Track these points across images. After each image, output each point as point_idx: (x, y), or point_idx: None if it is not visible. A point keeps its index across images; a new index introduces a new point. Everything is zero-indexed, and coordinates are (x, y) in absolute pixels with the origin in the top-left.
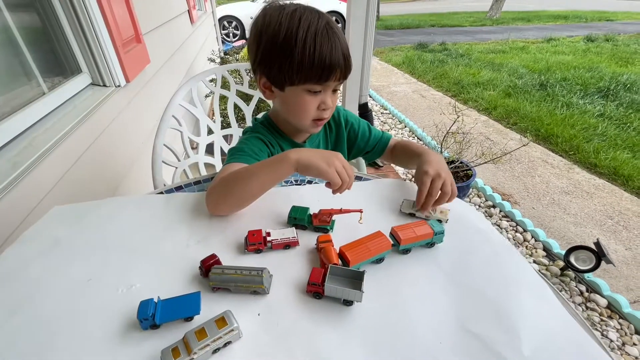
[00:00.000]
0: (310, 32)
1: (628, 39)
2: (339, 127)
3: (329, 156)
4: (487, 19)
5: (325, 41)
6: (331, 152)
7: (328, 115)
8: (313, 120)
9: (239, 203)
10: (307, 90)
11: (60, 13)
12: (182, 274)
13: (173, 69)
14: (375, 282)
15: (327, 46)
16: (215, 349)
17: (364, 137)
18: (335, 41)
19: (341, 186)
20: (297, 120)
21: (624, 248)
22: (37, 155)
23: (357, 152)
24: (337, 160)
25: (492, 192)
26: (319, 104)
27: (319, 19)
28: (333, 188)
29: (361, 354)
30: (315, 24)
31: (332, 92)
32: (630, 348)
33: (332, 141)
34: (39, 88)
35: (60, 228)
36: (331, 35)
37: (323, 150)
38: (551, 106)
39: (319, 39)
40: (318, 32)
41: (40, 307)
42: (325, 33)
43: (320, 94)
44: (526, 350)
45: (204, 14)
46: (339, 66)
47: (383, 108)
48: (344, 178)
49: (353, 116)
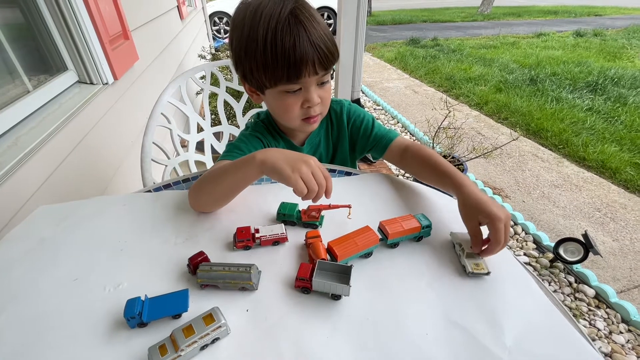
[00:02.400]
0: (271, 28)
1: (616, 33)
2: (341, 123)
3: (296, 160)
4: (478, 14)
5: (287, 34)
6: (302, 155)
7: (319, 111)
8: (302, 120)
9: (213, 202)
10: (285, 91)
11: (44, 9)
12: (170, 272)
13: (163, 66)
14: (363, 276)
15: (289, 40)
16: (203, 345)
17: (365, 134)
18: (299, 32)
19: (308, 194)
20: (285, 122)
21: (611, 239)
22: (21, 155)
23: (360, 150)
24: (305, 165)
25: (483, 186)
26: (302, 102)
27: (281, 9)
28: (298, 196)
29: (349, 347)
30: (277, 16)
31: (318, 85)
32: (617, 336)
33: (334, 139)
34: (23, 86)
35: (46, 227)
36: (294, 26)
37: (293, 153)
38: (541, 101)
39: (279, 34)
40: (279, 26)
41: (26, 307)
42: (287, 25)
43: (301, 92)
44: (508, 341)
45: (194, 10)
46: (308, 59)
47: (376, 104)
48: (311, 186)
49: (357, 111)
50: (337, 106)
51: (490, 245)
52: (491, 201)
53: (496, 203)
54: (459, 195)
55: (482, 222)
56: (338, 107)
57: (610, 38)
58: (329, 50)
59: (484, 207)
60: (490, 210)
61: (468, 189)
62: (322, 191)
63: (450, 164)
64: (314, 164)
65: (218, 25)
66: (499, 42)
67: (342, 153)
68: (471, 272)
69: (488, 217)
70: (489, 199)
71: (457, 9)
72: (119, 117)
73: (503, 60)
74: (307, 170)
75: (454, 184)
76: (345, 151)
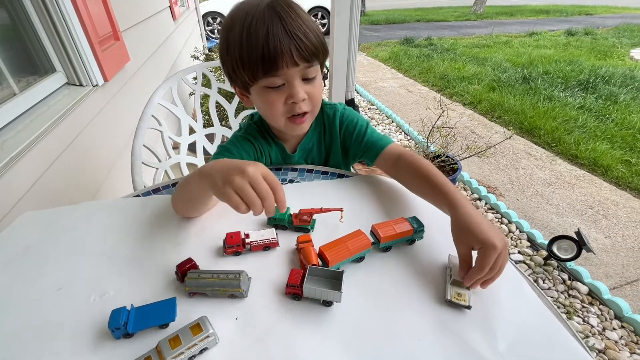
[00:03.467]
0: (247, 23)
1: (606, 32)
2: (333, 128)
3: (230, 169)
4: (471, 14)
5: (261, 26)
6: (241, 163)
7: (305, 108)
8: (287, 118)
9: (187, 210)
10: (266, 87)
11: (31, 9)
12: (158, 280)
13: (155, 67)
14: (355, 282)
15: (262, 31)
16: (191, 356)
17: (358, 139)
18: (274, 21)
19: (246, 208)
20: (271, 121)
21: (604, 236)
22: (8, 159)
23: (353, 155)
24: (239, 175)
25: (477, 185)
26: (285, 98)
27: (259, 4)
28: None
29: (340, 354)
30: (253, 11)
31: (304, 81)
32: (610, 333)
33: (327, 144)
34: (9, 89)
35: (30, 234)
36: (269, 17)
37: (234, 162)
38: (534, 99)
39: (253, 27)
40: (254, 19)
41: (7, 319)
42: (261, 17)
43: (284, 87)
44: (501, 346)
45: (187, 10)
46: (283, 48)
47: (370, 104)
48: (248, 199)
49: (351, 115)
50: (330, 110)
51: (472, 270)
52: (488, 225)
53: (494, 228)
54: (453, 215)
55: (475, 247)
56: (331, 111)
57: (601, 37)
58: (308, 40)
59: (478, 231)
60: (485, 237)
61: (463, 209)
62: (266, 204)
63: (445, 177)
64: (253, 172)
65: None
66: (492, 41)
67: (335, 158)
68: (449, 300)
69: (482, 244)
70: (486, 223)
71: (450, 9)
72: (110, 120)
73: (496, 59)
74: (241, 181)
75: (448, 202)
76: (338, 156)
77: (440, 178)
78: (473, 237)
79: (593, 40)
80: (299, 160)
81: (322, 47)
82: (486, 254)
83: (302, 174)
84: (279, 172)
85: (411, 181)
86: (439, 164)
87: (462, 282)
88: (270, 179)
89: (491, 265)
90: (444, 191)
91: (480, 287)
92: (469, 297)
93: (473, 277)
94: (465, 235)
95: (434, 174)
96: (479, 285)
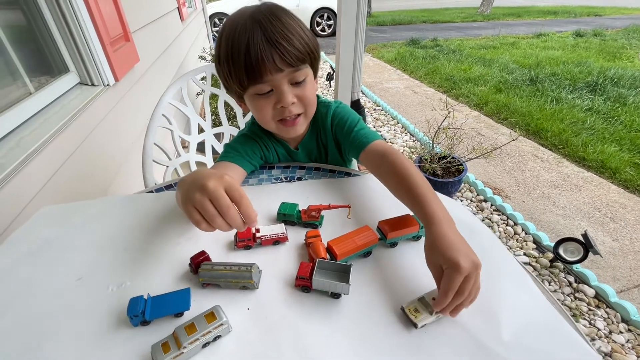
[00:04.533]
0: (231, 35)
1: (616, 33)
2: (325, 126)
3: (192, 185)
4: (478, 15)
5: (243, 35)
6: (205, 177)
7: (295, 111)
8: (277, 121)
9: None
10: (256, 94)
11: (46, 11)
12: (172, 271)
13: (163, 68)
14: (362, 275)
15: (244, 39)
16: (205, 343)
17: (347, 135)
18: (254, 31)
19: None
20: (264, 126)
21: (611, 239)
22: (24, 156)
23: (344, 152)
24: (199, 192)
25: (483, 186)
26: (274, 103)
27: (244, 12)
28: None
29: (348, 344)
30: (237, 22)
31: (293, 85)
32: (617, 336)
33: (324, 142)
34: (25, 88)
35: (49, 228)
36: (249, 27)
37: (198, 176)
38: (541, 101)
39: (236, 38)
40: (237, 30)
41: (30, 307)
42: (244, 27)
43: (272, 93)
44: (506, 337)
45: (194, 11)
46: (264, 56)
47: (376, 105)
48: (207, 216)
49: (343, 111)
50: (324, 109)
51: (438, 297)
52: (460, 246)
53: (466, 249)
54: (427, 232)
55: (443, 268)
56: (325, 109)
57: (610, 38)
58: (291, 45)
59: (445, 249)
60: (450, 255)
61: (439, 228)
62: (227, 218)
63: (430, 186)
64: (213, 186)
65: (218, 27)
66: (499, 43)
67: (333, 156)
68: (402, 308)
69: (447, 263)
70: (459, 244)
71: (457, 10)
72: (120, 118)
73: (503, 61)
74: (201, 197)
75: (425, 217)
76: (335, 154)
77: (421, 187)
78: (440, 256)
79: (602, 42)
80: (303, 158)
81: (309, 49)
82: (450, 276)
83: (310, 172)
84: (287, 170)
85: (391, 186)
86: (445, 165)
87: (428, 304)
88: (232, 192)
89: (456, 289)
90: (423, 203)
91: (449, 315)
92: (425, 319)
93: (440, 303)
94: (434, 254)
95: (416, 181)
96: (448, 314)
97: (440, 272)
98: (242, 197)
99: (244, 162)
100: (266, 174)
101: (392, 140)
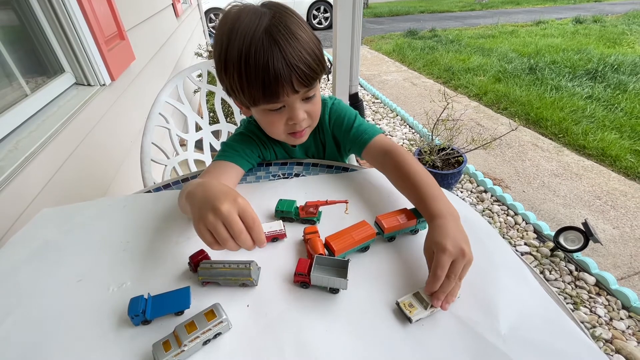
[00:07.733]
0: (245, 49)
1: (616, 19)
2: (323, 123)
3: (206, 205)
4: (476, 4)
5: (260, 56)
6: (218, 198)
7: (305, 125)
8: (288, 134)
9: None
10: (267, 109)
11: (38, 11)
12: (172, 270)
13: (160, 65)
14: (360, 270)
15: (262, 61)
16: (206, 340)
17: (346, 131)
18: (273, 51)
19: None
20: (273, 137)
21: (612, 227)
22: (22, 159)
23: (344, 149)
24: (212, 213)
25: (483, 177)
26: (286, 119)
27: (256, 27)
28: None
29: (347, 339)
30: (251, 35)
31: (303, 101)
32: (618, 322)
33: (322, 140)
34: (21, 90)
35: (49, 230)
36: (268, 46)
37: (214, 191)
38: (540, 90)
39: (252, 57)
40: (252, 46)
41: (32, 309)
42: (261, 45)
43: (284, 109)
44: (504, 329)
45: (189, 7)
46: (284, 79)
47: (374, 97)
48: (220, 238)
49: (339, 109)
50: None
51: (428, 279)
52: (456, 235)
53: (460, 238)
54: (429, 227)
55: (434, 251)
56: (322, 107)
57: (610, 24)
58: (309, 67)
59: (439, 237)
60: (440, 240)
61: (442, 221)
62: (239, 242)
63: (435, 182)
64: (227, 210)
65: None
66: (498, 31)
67: (331, 153)
68: (397, 302)
69: (436, 246)
70: (457, 233)
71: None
72: (118, 118)
73: (502, 50)
74: (214, 220)
75: (428, 211)
76: (333, 151)
77: (426, 186)
78: (433, 242)
79: (602, 28)
80: (301, 156)
81: (322, 66)
82: (437, 257)
83: (307, 168)
84: (284, 167)
85: (399, 184)
86: (444, 157)
87: (425, 298)
88: (246, 216)
89: (443, 269)
90: (429, 200)
91: (440, 308)
92: (421, 314)
93: (429, 285)
94: (428, 242)
95: (421, 179)
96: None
97: (432, 258)
98: (254, 222)
99: (242, 161)
100: (264, 171)
101: (392, 132)
